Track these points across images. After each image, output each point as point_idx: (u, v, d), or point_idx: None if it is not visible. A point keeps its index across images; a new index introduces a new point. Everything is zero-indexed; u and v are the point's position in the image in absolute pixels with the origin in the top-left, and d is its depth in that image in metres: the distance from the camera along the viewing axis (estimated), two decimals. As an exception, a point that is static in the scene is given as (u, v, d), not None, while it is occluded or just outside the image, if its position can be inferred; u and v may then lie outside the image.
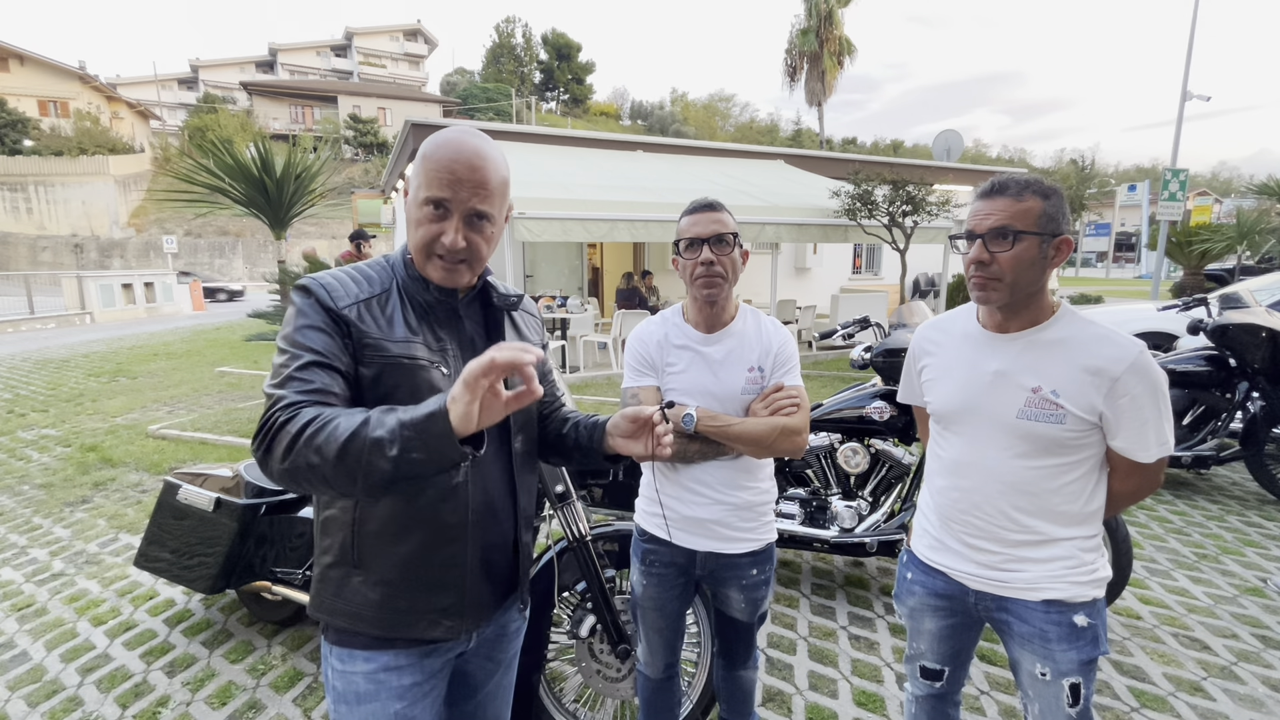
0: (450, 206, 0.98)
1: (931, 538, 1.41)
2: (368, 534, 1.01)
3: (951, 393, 1.34)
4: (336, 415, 0.84)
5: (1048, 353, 1.22)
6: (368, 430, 0.80)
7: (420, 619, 1.04)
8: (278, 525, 2.43)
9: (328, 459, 0.81)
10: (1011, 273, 1.19)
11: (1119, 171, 66.16)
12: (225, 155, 6.09)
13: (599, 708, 2.08)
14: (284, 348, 0.95)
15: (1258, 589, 2.93)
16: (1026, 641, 1.27)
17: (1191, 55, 14.00)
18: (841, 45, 28.01)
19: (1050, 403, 1.20)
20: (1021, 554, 1.27)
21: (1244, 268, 14.28)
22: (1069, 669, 1.23)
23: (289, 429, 0.84)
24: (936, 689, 1.48)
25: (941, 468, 1.38)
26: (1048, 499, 1.24)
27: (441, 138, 1.01)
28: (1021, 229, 1.17)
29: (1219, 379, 4.07)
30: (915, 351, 1.48)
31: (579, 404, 6.34)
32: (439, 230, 0.99)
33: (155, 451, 5.07)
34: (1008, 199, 1.19)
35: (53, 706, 2.21)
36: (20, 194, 29.95)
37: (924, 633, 1.45)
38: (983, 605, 1.34)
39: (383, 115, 44.03)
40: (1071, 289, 19.35)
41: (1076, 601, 1.24)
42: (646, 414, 1.10)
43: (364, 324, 0.97)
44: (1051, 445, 1.21)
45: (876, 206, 9.06)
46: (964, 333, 1.36)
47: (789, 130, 63.55)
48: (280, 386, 0.90)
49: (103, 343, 11.57)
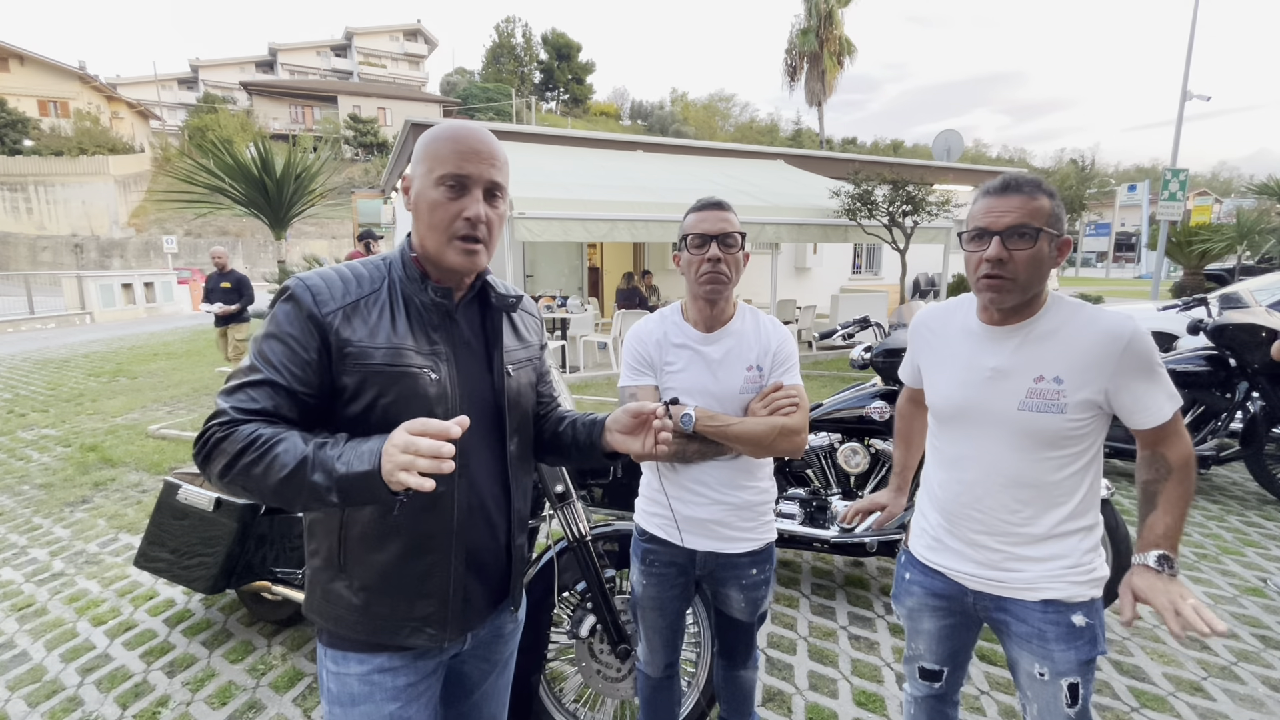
0: (469, 182, 0.98)
1: (930, 537, 1.40)
2: (352, 539, 1.00)
3: (950, 390, 1.33)
4: (274, 442, 0.86)
5: (1045, 342, 1.22)
6: (305, 472, 0.84)
7: (401, 626, 1.02)
8: (278, 525, 2.43)
9: (264, 490, 0.86)
10: (1026, 272, 1.17)
11: (1119, 171, 66.15)
12: (225, 155, 6.11)
13: (599, 708, 2.08)
14: (251, 354, 0.96)
15: (1258, 589, 2.94)
16: (1024, 641, 1.27)
17: (1191, 55, 14.00)
18: (841, 45, 28.02)
19: (1052, 391, 1.19)
20: (1022, 552, 1.26)
21: (1244, 268, 14.26)
22: (1067, 669, 1.23)
23: (225, 448, 0.87)
24: (935, 689, 1.48)
25: (942, 462, 1.37)
26: (1049, 492, 1.24)
27: (442, 127, 1.01)
28: (1040, 226, 1.16)
29: (1219, 379, 4.07)
30: (916, 333, 1.48)
31: (579, 404, 6.34)
32: (460, 207, 0.98)
33: (155, 451, 5.07)
34: (1023, 197, 1.17)
35: (53, 706, 2.21)
36: (20, 194, 29.93)
37: (922, 633, 1.44)
38: (981, 605, 1.33)
39: (383, 115, 44.02)
40: (1071, 289, 19.32)
41: (1074, 601, 1.23)
42: (649, 408, 1.09)
43: (346, 330, 0.96)
44: (1053, 438, 1.21)
45: (876, 206, 9.06)
46: (962, 327, 1.34)
47: (789, 130, 63.54)
48: (228, 395, 0.92)
49: (103, 343, 11.57)
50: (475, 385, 1.08)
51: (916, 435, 1.64)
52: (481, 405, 1.08)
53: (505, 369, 1.12)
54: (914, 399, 1.61)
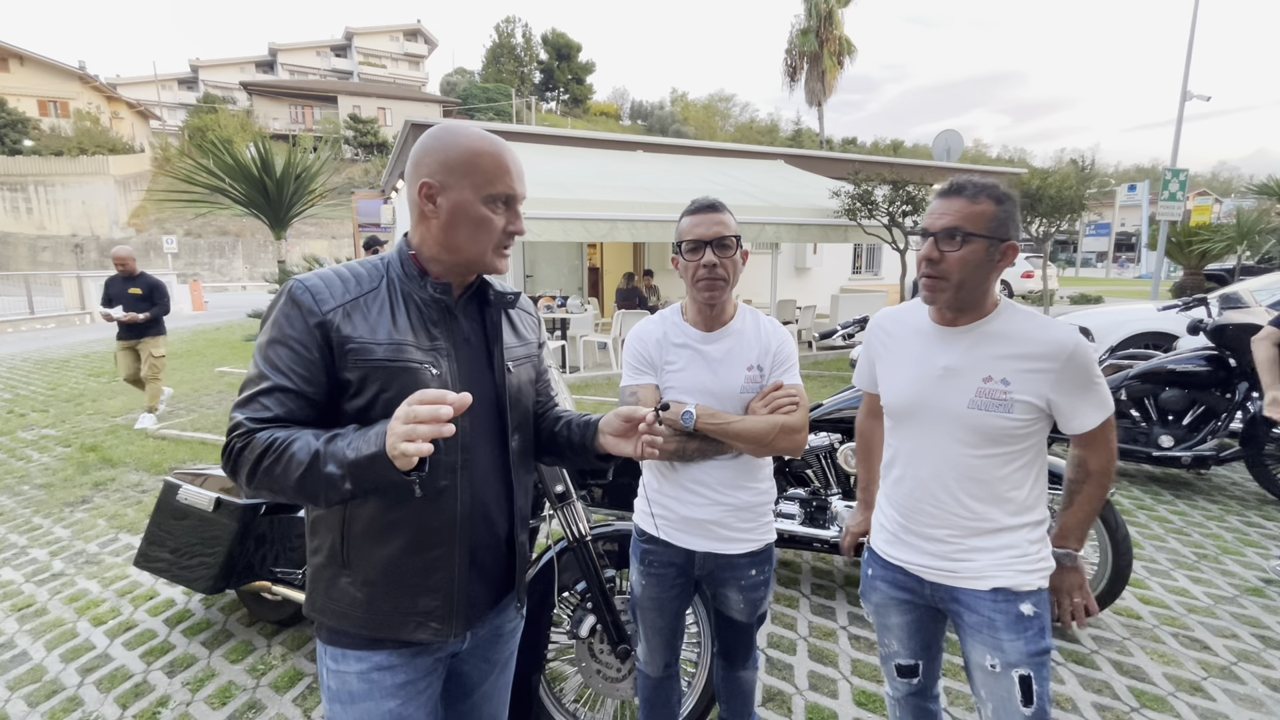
0: (514, 201, 1.06)
1: (888, 532, 1.44)
2: (355, 534, 1.01)
3: (903, 388, 1.37)
4: (289, 443, 0.90)
5: (995, 345, 1.27)
6: (320, 465, 0.88)
7: (406, 621, 1.03)
8: (278, 525, 2.43)
9: (287, 488, 0.90)
10: (959, 272, 1.23)
11: (1119, 171, 66.12)
12: (225, 155, 6.11)
13: (599, 708, 2.08)
14: (257, 361, 0.97)
15: (1258, 589, 2.94)
16: (976, 632, 1.30)
17: (1191, 55, 14.01)
18: (841, 45, 28.05)
19: (1000, 392, 1.24)
20: (973, 543, 1.30)
21: (1244, 268, 14.25)
22: (1017, 659, 1.25)
23: (246, 456, 0.91)
24: (914, 685, 1.50)
25: (897, 459, 1.41)
26: (996, 486, 1.28)
27: (474, 138, 1.03)
28: (971, 231, 1.21)
29: (1219, 379, 4.07)
30: (870, 340, 1.51)
31: (579, 404, 6.34)
32: (506, 222, 1.05)
33: (155, 451, 5.07)
34: (963, 200, 1.23)
35: (53, 706, 2.21)
36: (20, 194, 29.92)
37: (891, 628, 1.47)
38: (938, 597, 1.37)
39: (383, 115, 44.00)
40: (1071, 289, 19.35)
41: (1023, 590, 1.27)
42: (640, 413, 1.10)
43: (347, 327, 0.97)
44: (999, 435, 1.26)
45: (876, 206, 9.07)
46: (916, 327, 1.39)
47: (789, 130, 63.49)
48: (242, 407, 0.94)
49: (103, 343, 11.54)
50: (476, 381, 1.09)
51: (876, 448, 1.63)
52: (483, 401, 1.09)
53: (506, 365, 1.13)
54: (871, 412, 1.63)
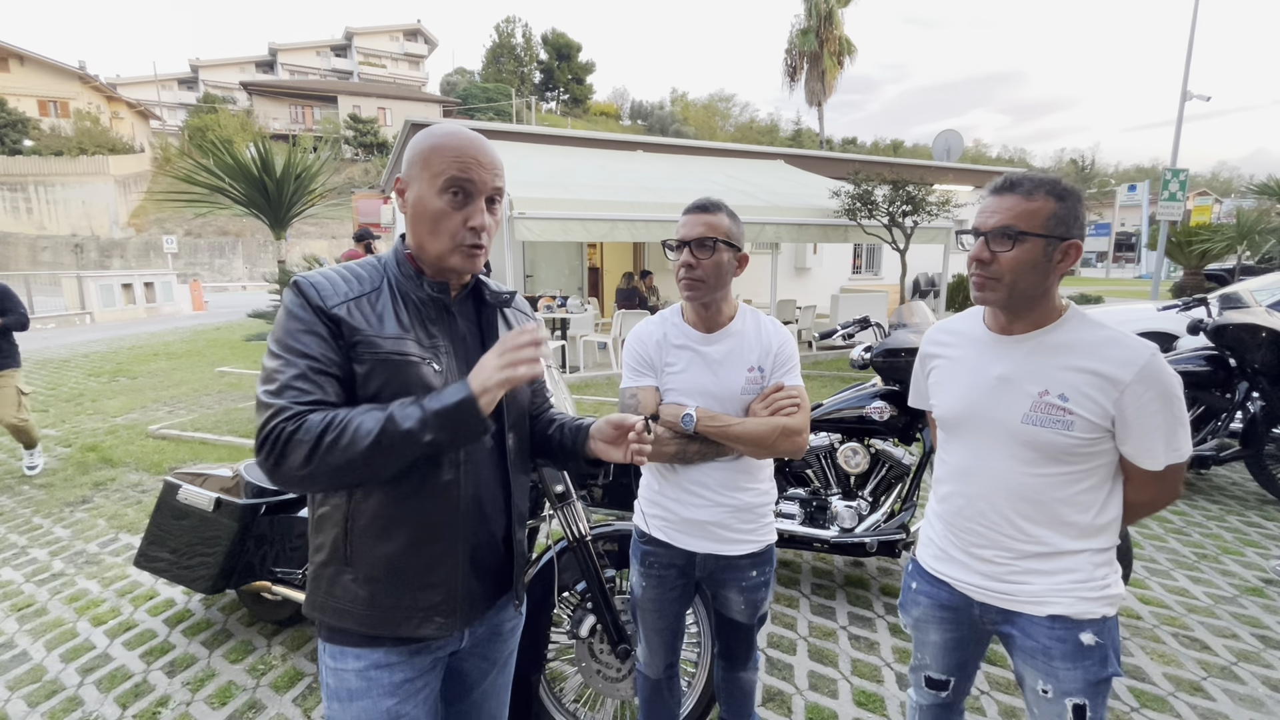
0: (473, 189, 1.00)
1: (936, 547, 1.37)
2: (358, 531, 1.01)
3: (955, 398, 1.30)
4: (349, 418, 0.90)
5: (1054, 356, 1.17)
6: (395, 425, 0.89)
7: (409, 617, 1.03)
8: (278, 525, 2.42)
9: (354, 461, 0.88)
10: (1011, 274, 1.15)
11: (1119, 171, 66.15)
12: (225, 155, 6.09)
13: (599, 708, 2.08)
14: (277, 352, 0.95)
15: (1258, 589, 2.93)
16: (1030, 657, 1.22)
17: (1191, 55, 14.00)
18: (841, 45, 28.02)
19: (1058, 408, 1.14)
20: (1028, 565, 1.22)
21: (1244, 268, 14.25)
22: (1072, 688, 1.18)
23: (301, 438, 0.88)
24: (942, 699, 1.44)
25: (947, 474, 1.34)
26: (1056, 509, 1.18)
27: (439, 132, 1.02)
28: (1025, 230, 1.12)
29: (1219, 379, 4.07)
30: (923, 355, 1.44)
31: (579, 404, 6.34)
32: (465, 216, 1.01)
33: (155, 451, 5.07)
34: (1017, 197, 1.14)
35: (53, 706, 2.21)
36: (20, 194, 29.90)
37: (929, 644, 1.40)
38: (988, 618, 1.29)
39: (383, 115, 43.98)
40: (1071, 289, 19.34)
41: (1084, 618, 1.18)
42: (630, 421, 1.10)
43: (354, 320, 0.98)
44: (1059, 453, 1.16)
45: (876, 206, 9.06)
46: (970, 335, 1.31)
47: (789, 130, 63.47)
48: (277, 395, 0.92)
49: (103, 343, 11.56)
50: None
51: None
52: None
53: None
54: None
